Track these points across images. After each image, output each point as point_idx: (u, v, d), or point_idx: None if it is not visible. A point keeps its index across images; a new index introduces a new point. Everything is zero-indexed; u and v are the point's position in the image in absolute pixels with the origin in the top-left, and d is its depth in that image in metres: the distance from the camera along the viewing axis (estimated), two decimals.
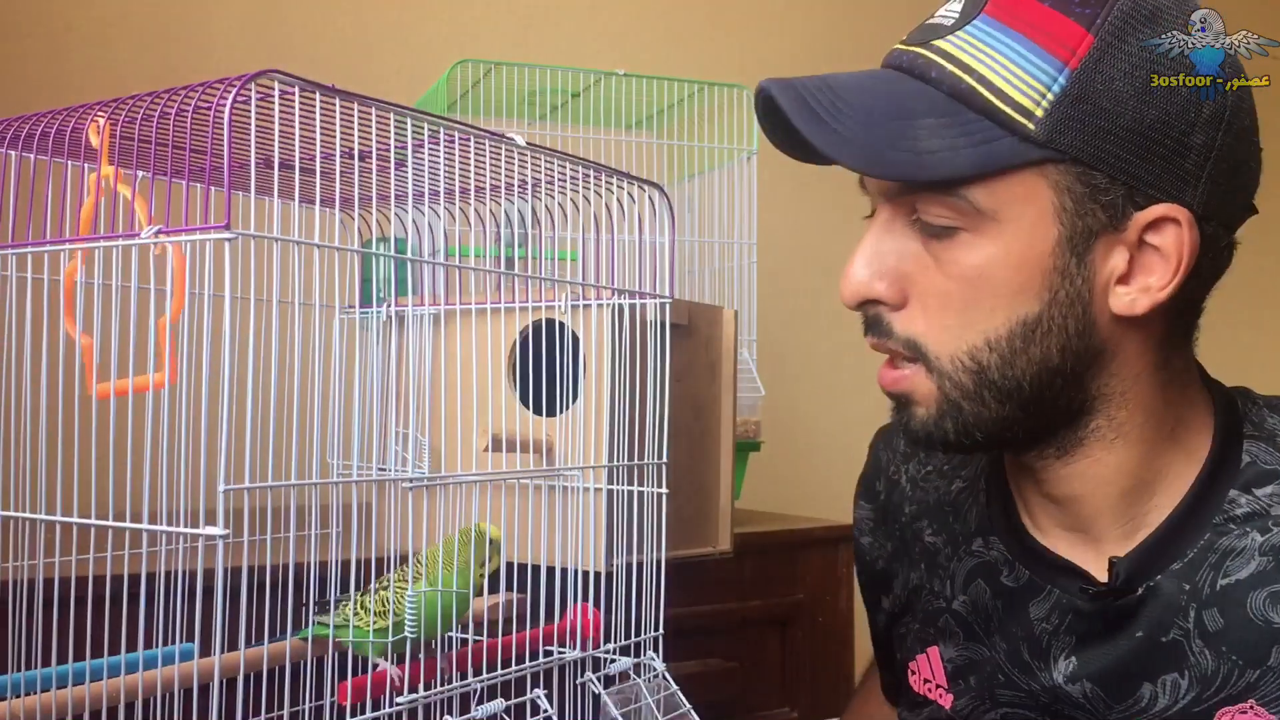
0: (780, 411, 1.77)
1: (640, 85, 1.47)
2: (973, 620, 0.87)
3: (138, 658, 0.67)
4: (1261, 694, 0.75)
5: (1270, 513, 0.77)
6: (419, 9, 1.74)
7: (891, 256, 0.76)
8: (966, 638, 0.88)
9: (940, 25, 0.75)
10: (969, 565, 0.88)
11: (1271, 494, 0.77)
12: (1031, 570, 0.83)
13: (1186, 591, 0.77)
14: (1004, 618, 0.85)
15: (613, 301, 0.91)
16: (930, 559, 0.91)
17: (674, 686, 0.84)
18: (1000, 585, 0.85)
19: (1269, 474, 0.78)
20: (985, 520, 0.88)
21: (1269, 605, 0.75)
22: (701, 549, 1.15)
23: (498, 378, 1.03)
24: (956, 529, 0.90)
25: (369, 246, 0.89)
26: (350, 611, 0.74)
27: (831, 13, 2.14)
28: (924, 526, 0.93)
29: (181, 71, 1.54)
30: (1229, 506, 0.78)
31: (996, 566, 0.86)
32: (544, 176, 0.82)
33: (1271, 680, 0.74)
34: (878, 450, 1.01)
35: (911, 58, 0.75)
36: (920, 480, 0.95)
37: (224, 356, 0.57)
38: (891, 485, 0.97)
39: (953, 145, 0.71)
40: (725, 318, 1.19)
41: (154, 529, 0.62)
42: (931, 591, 0.91)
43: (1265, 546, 0.76)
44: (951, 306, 0.75)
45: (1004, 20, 0.73)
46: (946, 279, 0.74)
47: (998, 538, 0.86)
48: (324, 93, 0.63)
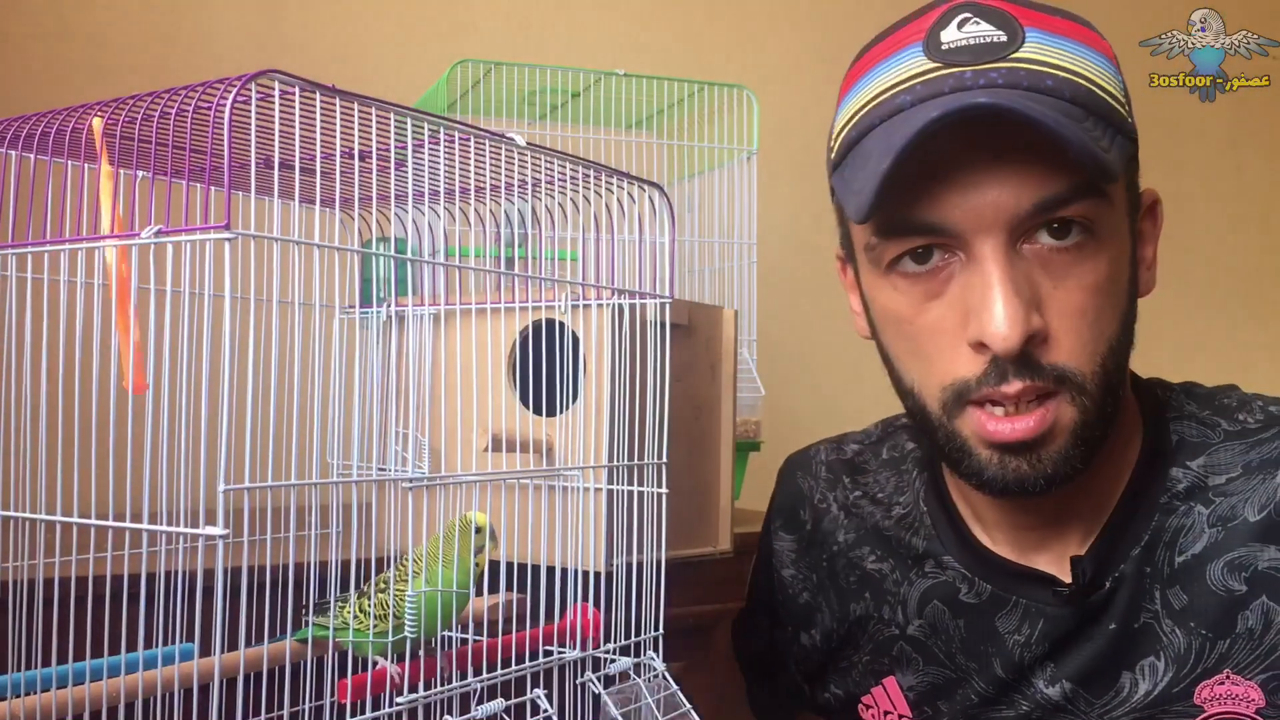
0: (780, 411, 1.77)
1: (640, 85, 1.47)
2: (932, 644, 0.86)
3: (138, 658, 0.67)
4: (1235, 662, 0.76)
5: (1208, 484, 0.78)
6: (419, 9, 1.74)
7: (1026, 286, 0.70)
8: (926, 662, 0.86)
9: (995, 43, 0.71)
10: (922, 588, 0.87)
11: (1204, 464, 0.79)
12: (993, 584, 0.83)
13: (1148, 574, 0.78)
14: (967, 636, 0.84)
15: (613, 301, 0.91)
16: (876, 587, 0.90)
17: (674, 686, 0.83)
18: (960, 604, 0.84)
19: (1198, 446, 0.80)
20: (935, 541, 0.86)
21: (1227, 574, 0.76)
22: (701, 549, 1.15)
23: (498, 378, 1.03)
24: (904, 554, 0.88)
25: (369, 246, 0.89)
26: (350, 614, 0.74)
27: (831, 13, 2.14)
28: (865, 554, 0.91)
29: (181, 72, 1.54)
30: (1170, 484, 0.79)
31: (954, 585, 0.85)
32: (544, 176, 0.82)
33: (1243, 647, 0.75)
34: (795, 479, 0.98)
35: (1007, 73, 0.70)
36: (852, 507, 0.93)
37: (224, 356, 0.57)
38: (819, 514, 0.95)
39: (1107, 144, 0.70)
40: (725, 318, 1.19)
41: (154, 529, 0.62)
42: (881, 620, 0.89)
43: (1212, 518, 0.77)
44: (1087, 320, 0.71)
45: (1052, 31, 0.72)
46: (1078, 293, 0.71)
47: (951, 556, 0.85)
48: (324, 93, 0.63)
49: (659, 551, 0.86)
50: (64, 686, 0.67)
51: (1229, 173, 2.66)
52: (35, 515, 0.66)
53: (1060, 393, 0.72)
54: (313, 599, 0.77)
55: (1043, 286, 0.71)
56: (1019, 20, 0.72)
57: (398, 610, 0.74)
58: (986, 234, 0.70)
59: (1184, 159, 2.57)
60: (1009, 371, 0.71)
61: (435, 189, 0.81)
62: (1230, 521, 0.77)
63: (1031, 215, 0.70)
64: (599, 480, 0.92)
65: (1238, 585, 0.75)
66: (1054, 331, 0.71)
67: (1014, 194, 0.69)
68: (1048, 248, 0.71)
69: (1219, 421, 0.81)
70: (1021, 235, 0.71)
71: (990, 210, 0.70)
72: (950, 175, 0.70)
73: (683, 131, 1.57)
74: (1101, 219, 0.71)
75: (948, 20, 0.73)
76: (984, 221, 0.70)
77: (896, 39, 0.76)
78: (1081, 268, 0.71)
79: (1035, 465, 0.73)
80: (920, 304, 0.74)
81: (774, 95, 2.04)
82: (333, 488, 0.70)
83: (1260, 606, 0.75)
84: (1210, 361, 2.60)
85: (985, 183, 0.70)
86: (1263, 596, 0.75)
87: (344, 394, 0.75)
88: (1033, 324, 0.70)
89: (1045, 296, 0.71)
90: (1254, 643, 0.75)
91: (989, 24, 0.72)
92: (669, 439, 0.88)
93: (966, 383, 0.72)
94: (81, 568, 0.67)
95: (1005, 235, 0.70)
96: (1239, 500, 0.77)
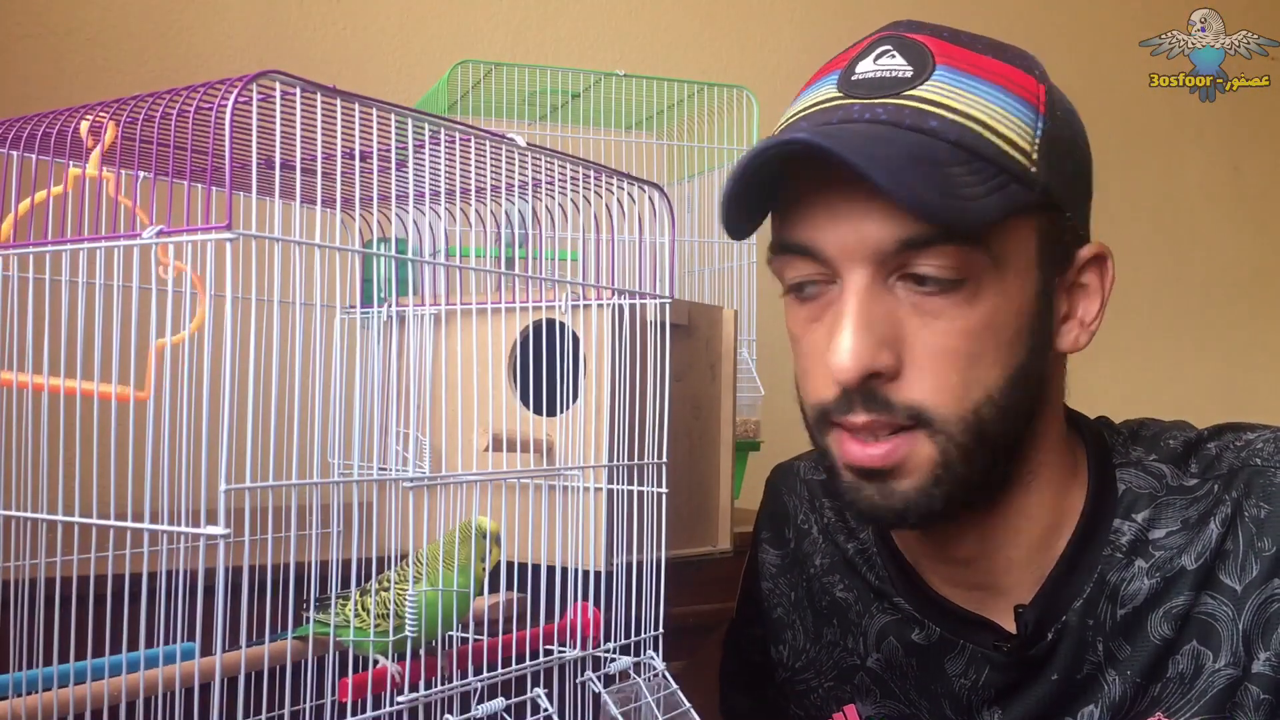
0: (780, 411, 1.77)
1: (640, 86, 1.47)
2: (888, 678, 0.87)
3: (138, 657, 0.67)
4: (1166, 705, 0.77)
5: (1149, 537, 0.78)
6: (419, 9, 1.74)
7: (882, 323, 0.71)
8: (883, 695, 0.87)
9: (898, 78, 0.72)
10: (880, 623, 0.87)
11: (1147, 518, 0.78)
12: (941, 627, 0.83)
13: (1090, 626, 0.78)
14: (919, 675, 0.85)
15: (613, 301, 0.91)
16: (843, 615, 0.90)
17: (674, 685, 0.84)
18: (912, 643, 0.85)
19: (1143, 498, 0.79)
20: (887, 582, 0.87)
21: (1163, 623, 0.76)
22: (701, 548, 1.15)
23: (498, 378, 1.03)
24: (862, 586, 0.88)
25: (370, 247, 0.89)
26: (351, 612, 0.74)
27: (831, 14, 2.14)
28: (835, 581, 0.91)
29: (182, 72, 1.54)
30: (1114, 536, 0.79)
31: (908, 624, 0.85)
32: (544, 177, 0.82)
33: (1174, 690, 0.76)
34: (780, 494, 0.98)
35: (893, 110, 0.70)
36: (828, 531, 0.92)
37: (225, 356, 0.58)
38: (801, 534, 0.95)
39: (979, 192, 0.69)
40: (725, 318, 1.19)
41: (155, 528, 0.62)
42: (845, 649, 0.90)
43: (1151, 570, 0.77)
44: (956, 365, 0.71)
45: (967, 70, 0.72)
46: (947, 336, 0.71)
47: (902, 599, 0.85)
48: (325, 93, 0.63)
49: (659, 551, 0.86)
50: (64, 686, 0.67)
51: (1228, 173, 2.66)
52: (36, 514, 0.66)
53: (916, 430, 0.72)
54: (314, 598, 0.77)
55: (907, 325, 0.71)
56: (935, 57, 0.72)
57: (399, 609, 0.74)
58: (854, 264, 0.71)
59: (1184, 159, 2.57)
60: (855, 402, 0.72)
61: (436, 189, 0.82)
62: (1168, 573, 0.77)
63: (896, 252, 0.70)
64: (599, 480, 0.93)
65: (1169, 632, 0.76)
66: (911, 370, 0.71)
67: (879, 229, 0.70)
68: (912, 293, 0.71)
69: (1164, 471, 0.80)
70: (892, 271, 0.71)
71: (855, 241, 0.71)
72: (832, 203, 0.72)
73: (683, 132, 1.57)
74: (977, 266, 0.71)
75: (869, 52, 0.75)
76: (851, 251, 0.71)
77: (828, 65, 0.78)
78: (953, 312, 0.71)
79: (886, 496, 0.74)
80: (805, 326, 0.76)
81: (774, 96, 2.04)
82: (333, 487, 0.70)
83: (1190, 651, 0.76)
84: (1210, 361, 2.60)
85: (856, 215, 0.71)
86: (1193, 641, 0.76)
87: (345, 394, 0.75)
88: (879, 360, 0.70)
89: (909, 335, 0.71)
90: (1184, 686, 0.76)
91: (903, 58, 0.73)
92: (669, 439, 0.88)
93: (826, 406, 0.74)
94: (83, 567, 0.67)
95: (871, 268, 0.71)
96: (1177, 552, 0.77)
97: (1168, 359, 2.52)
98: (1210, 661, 0.75)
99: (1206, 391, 2.53)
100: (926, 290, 0.71)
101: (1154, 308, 2.46)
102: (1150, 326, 2.46)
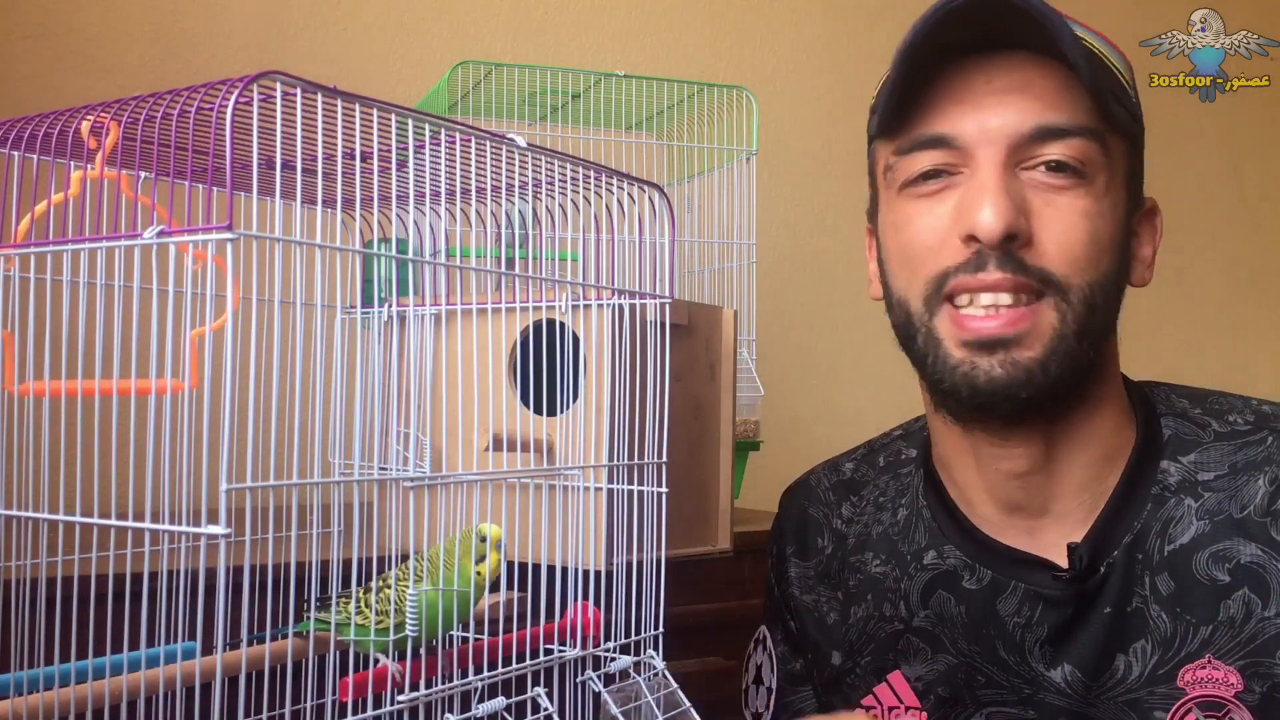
0: (780, 411, 1.77)
1: (640, 86, 1.47)
2: (939, 632, 0.87)
3: (139, 656, 0.67)
4: (1217, 648, 0.79)
5: (1198, 479, 0.82)
6: (419, 10, 1.74)
7: (1017, 195, 0.77)
8: (934, 651, 0.88)
9: None
10: (924, 580, 0.88)
11: (1195, 460, 0.83)
12: (993, 569, 0.85)
13: (1139, 561, 0.81)
14: (970, 621, 0.86)
15: (613, 302, 0.91)
16: (876, 587, 0.91)
17: (674, 685, 0.84)
18: (964, 591, 0.86)
19: (1190, 443, 0.84)
20: (936, 534, 0.88)
21: (1212, 564, 0.80)
22: (701, 548, 1.16)
23: (498, 378, 1.03)
24: (905, 551, 0.90)
25: (370, 247, 0.89)
26: (352, 610, 0.74)
27: (831, 14, 2.15)
28: (869, 559, 0.92)
29: (183, 73, 1.54)
30: (1162, 476, 0.83)
31: (957, 573, 0.87)
32: (544, 177, 0.82)
33: (1224, 634, 0.79)
34: (802, 508, 0.99)
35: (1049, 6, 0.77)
36: (855, 519, 0.95)
37: (226, 356, 0.58)
38: (838, 537, 0.96)
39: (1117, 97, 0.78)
40: (725, 318, 1.19)
41: (156, 528, 0.62)
42: (882, 618, 0.90)
43: (1200, 511, 0.81)
44: (1081, 239, 0.77)
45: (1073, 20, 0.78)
46: (1073, 213, 0.77)
47: (953, 545, 0.87)
48: (325, 94, 0.63)
49: (659, 550, 0.86)
50: (65, 685, 0.67)
51: (1228, 172, 2.66)
52: (37, 514, 0.66)
53: (1044, 297, 0.77)
54: (314, 597, 0.77)
55: (1033, 202, 0.77)
56: None
57: (400, 608, 0.74)
58: (989, 147, 0.77)
59: (1184, 159, 2.57)
60: (990, 261, 0.76)
61: (436, 190, 0.82)
62: (1216, 516, 0.80)
63: (1031, 136, 0.76)
64: (599, 479, 0.93)
65: (1222, 576, 0.79)
66: (1041, 239, 0.77)
67: (1018, 115, 0.77)
68: (1041, 175, 0.77)
69: (1209, 421, 0.85)
70: (1020, 159, 0.77)
71: (996, 126, 0.77)
72: (963, 95, 0.78)
73: (683, 132, 1.57)
74: (1095, 165, 0.77)
75: None
76: (991, 135, 0.77)
77: None
78: (1073, 194, 0.77)
79: (1006, 367, 0.77)
80: (922, 211, 0.80)
81: (774, 96, 2.04)
82: (334, 487, 0.70)
83: (1242, 597, 0.79)
84: (1210, 361, 2.60)
85: (993, 103, 0.77)
86: (1245, 588, 0.79)
87: (345, 394, 0.75)
88: (1018, 222, 0.75)
89: (1035, 210, 0.77)
90: (1234, 630, 0.78)
91: None
92: (669, 439, 0.88)
93: (947, 271, 0.78)
94: (84, 566, 0.67)
95: (1005, 152, 0.77)
96: (1225, 497, 0.81)
97: (1168, 358, 2.52)
98: (1260, 609, 0.78)
99: None
100: (1053, 176, 0.77)
101: (1153, 307, 2.47)
102: (1149, 326, 2.46)
